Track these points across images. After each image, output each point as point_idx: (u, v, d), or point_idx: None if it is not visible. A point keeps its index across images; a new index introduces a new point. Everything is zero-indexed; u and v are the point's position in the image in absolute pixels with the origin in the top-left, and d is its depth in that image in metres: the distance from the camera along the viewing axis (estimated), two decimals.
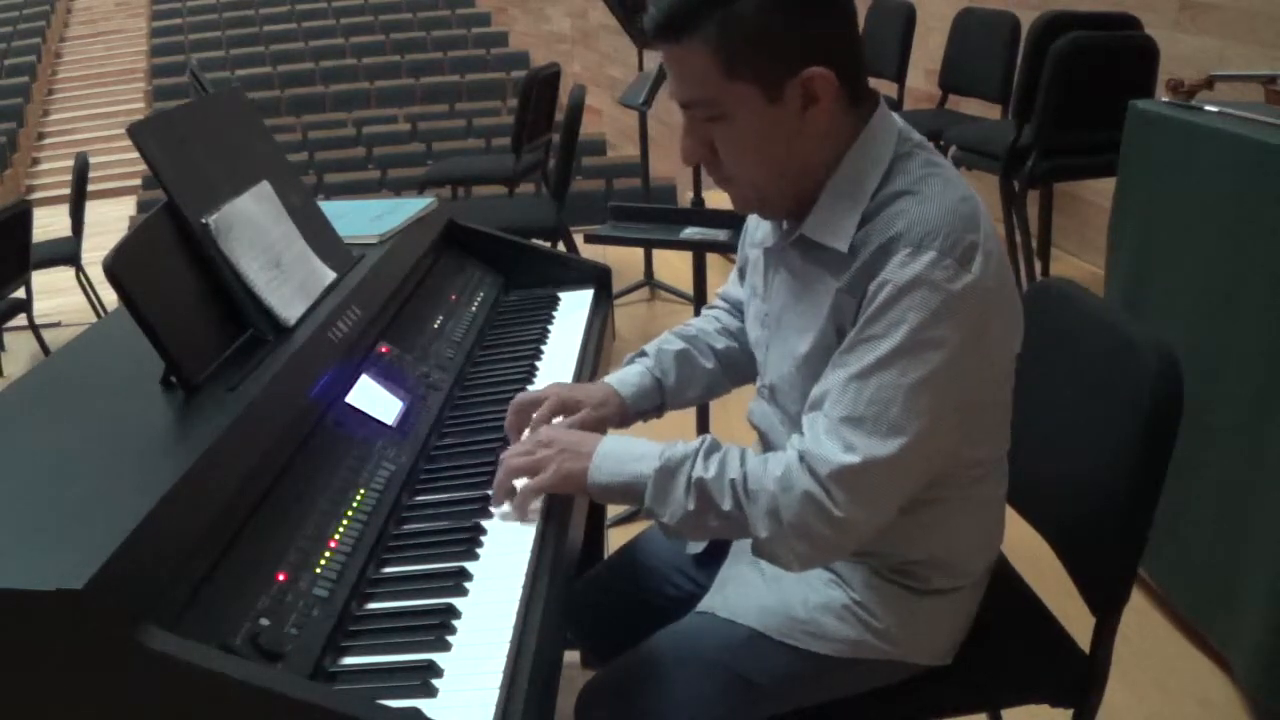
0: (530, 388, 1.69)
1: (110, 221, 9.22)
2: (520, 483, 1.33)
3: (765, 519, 1.22)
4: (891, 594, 1.35)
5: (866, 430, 1.18)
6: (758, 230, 1.45)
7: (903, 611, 1.34)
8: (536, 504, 1.34)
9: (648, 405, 1.56)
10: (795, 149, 1.24)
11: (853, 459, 1.17)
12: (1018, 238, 3.88)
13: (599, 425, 1.50)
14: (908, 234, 1.18)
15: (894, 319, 1.17)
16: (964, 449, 1.28)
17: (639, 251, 4.68)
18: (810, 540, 1.21)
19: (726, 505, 1.24)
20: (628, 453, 1.30)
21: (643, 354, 1.59)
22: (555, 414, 1.49)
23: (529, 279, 2.13)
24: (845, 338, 1.22)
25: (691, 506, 1.25)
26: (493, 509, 1.34)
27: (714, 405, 2.64)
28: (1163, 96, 2.42)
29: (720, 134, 1.24)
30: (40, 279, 5.37)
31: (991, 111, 4.56)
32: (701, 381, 1.58)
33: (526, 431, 1.47)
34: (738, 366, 1.58)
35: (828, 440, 1.19)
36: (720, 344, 1.59)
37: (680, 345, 1.58)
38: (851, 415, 1.18)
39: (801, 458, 1.21)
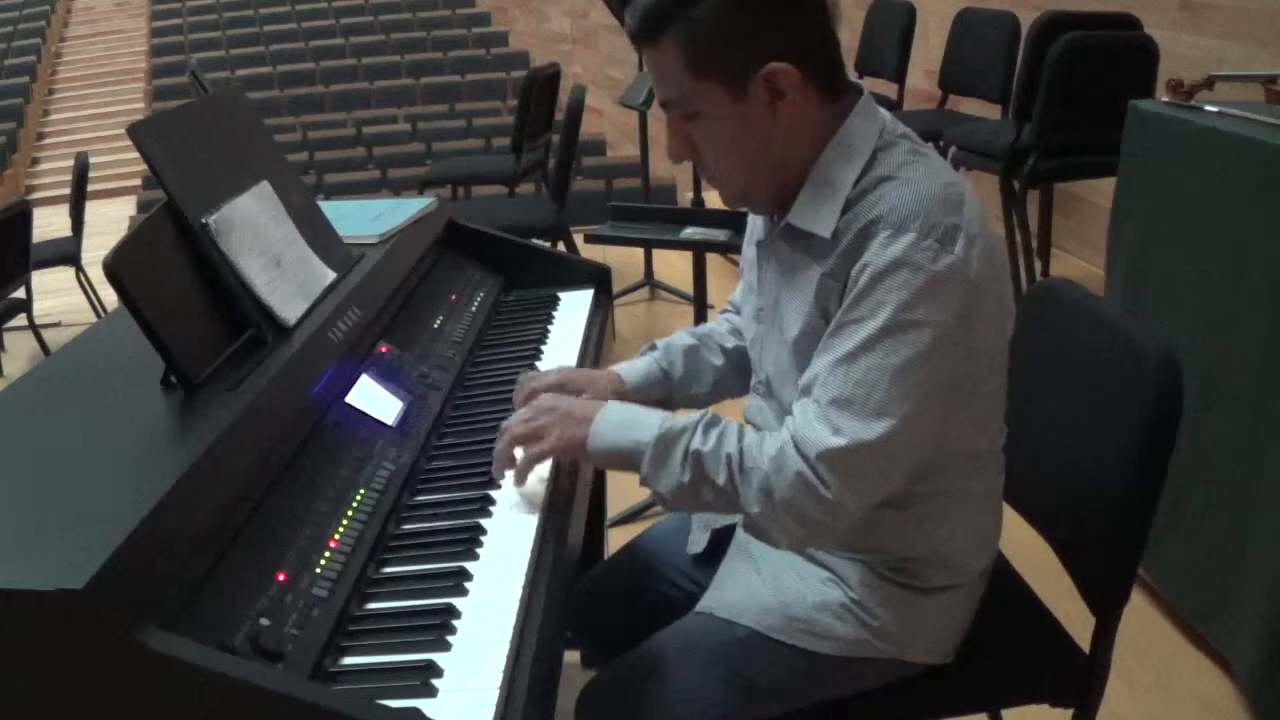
0: None
1: (110, 221, 9.22)
2: (521, 451, 1.34)
3: (758, 496, 1.23)
4: (890, 592, 1.35)
5: (854, 413, 1.19)
6: (754, 228, 1.46)
7: (901, 610, 1.35)
8: (542, 472, 1.34)
9: (652, 395, 1.57)
10: (770, 143, 1.26)
11: (840, 441, 1.18)
12: (1018, 238, 3.88)
13: None
14: (888, 217, 1.19)
15: (877, 301, 1.18)
16: (957, 441, 1.29)
17: (639, 251, 4.68)
18: (801, 520, 1.22)
19: (721, 479, 1.25)
20: (629, 420, 1.31)
21: (653, 347, 1.61)
22: (557, 390, 1.51)
23: (529, 279, 2.13)
24: (831, 322, 1.23)
25: (687, 478, 1.26)
26: (495, 477, 1.34)
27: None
28: (1163, 96, 2.42)
29: (698, 132, 1.28)
30: (40, 279, 5.37)
31: (991, 111, 4.56)
32: (709, 378, 1.59)
33: None
34: (747, 367, 1.59)
35: (817, 423, 1.20)
36: (730, 343, 1.60)
37: (690, 341, 1.60)
38: (839, 398, 1.19)
39: (794, 439, 1.22)
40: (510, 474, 1.36)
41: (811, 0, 1.25)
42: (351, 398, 1.47)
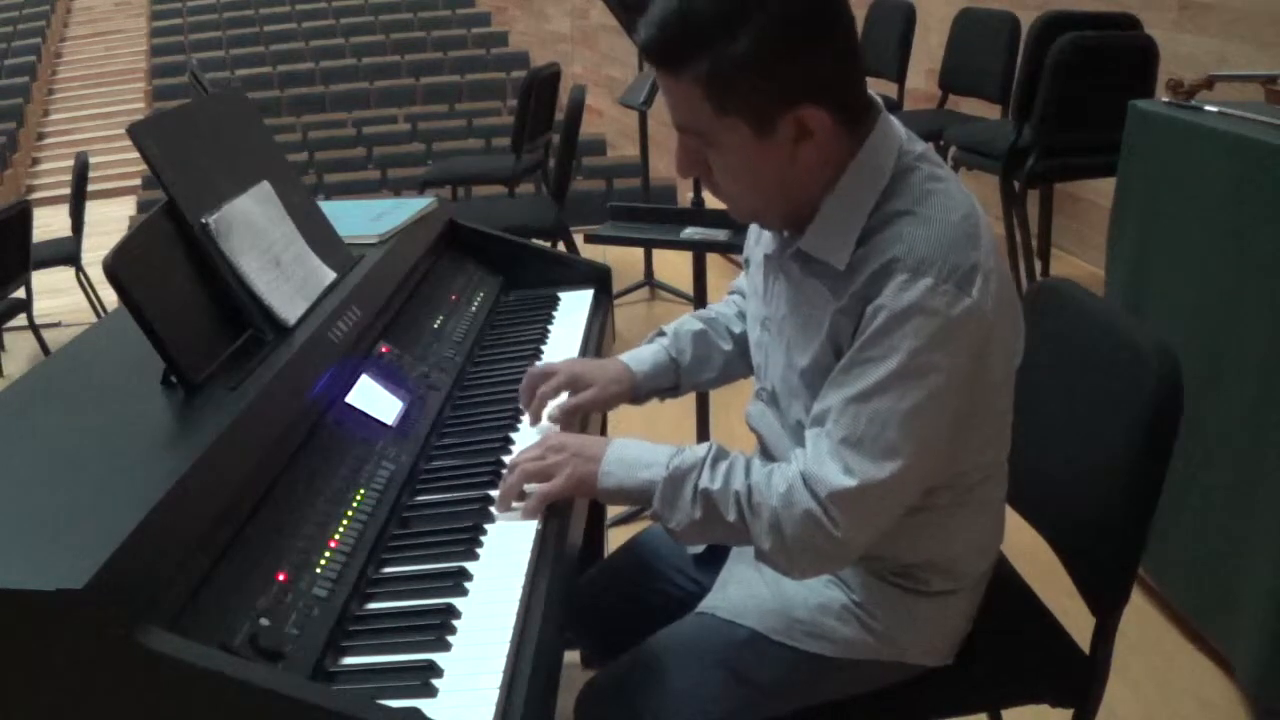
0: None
1: (110, 221, 9.23)
2: (530, 487, 1.34)
3: (768, 532, 1.23)
4: (891, 595, 1.35)
5: (864, 453, 1.18)
6: (762, 232, 1.45)
7: (902, 613, 1.35)
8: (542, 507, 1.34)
9: (662, 384, 1.57)
10: (789, 176, 1.23)
11: (851, 482, 1.18)
12: (1018, 238, 3.88)
13: (608, 404, 1.54)
14: (905, 258, 1.17)
15: (891, 345, 1.17)
16: (963, 456, 1.28)
17: (639, 251, 4.68)
18: (811, 554, 1.23)
19: (731, 516, 1.25)
20: (636, 459, 1.30)
21: (661, 333, 1.61)
22: (565, 389, 1.53)
23: (529, 279, 2.13)
24: (843, 356, 1.22)
25: (698, 515, 1.26)
26: (496, 512, 1.34)
27: (714, 406, 2.65)
28: (1163, 96, 2.42)
29: (713, 158, 1.24)
30: (40, 279, 5.37)
31: (991, 111, 4.56)
32: (718, 363, 1.59)
33: (537, 425, 1.51)
34: None
35: (830, 461, 1.20)
36: (738, 328, 1.59)
37: (698, 326, 1.59)
38: (850, 437, 1.19)
39: (804, 477, 1.22)
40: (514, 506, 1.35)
41: (843, 39, 1.20)
42: (351, 398, 1.46)
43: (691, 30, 1.16)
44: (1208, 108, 2.26)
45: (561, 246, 4.30)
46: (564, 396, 1.54)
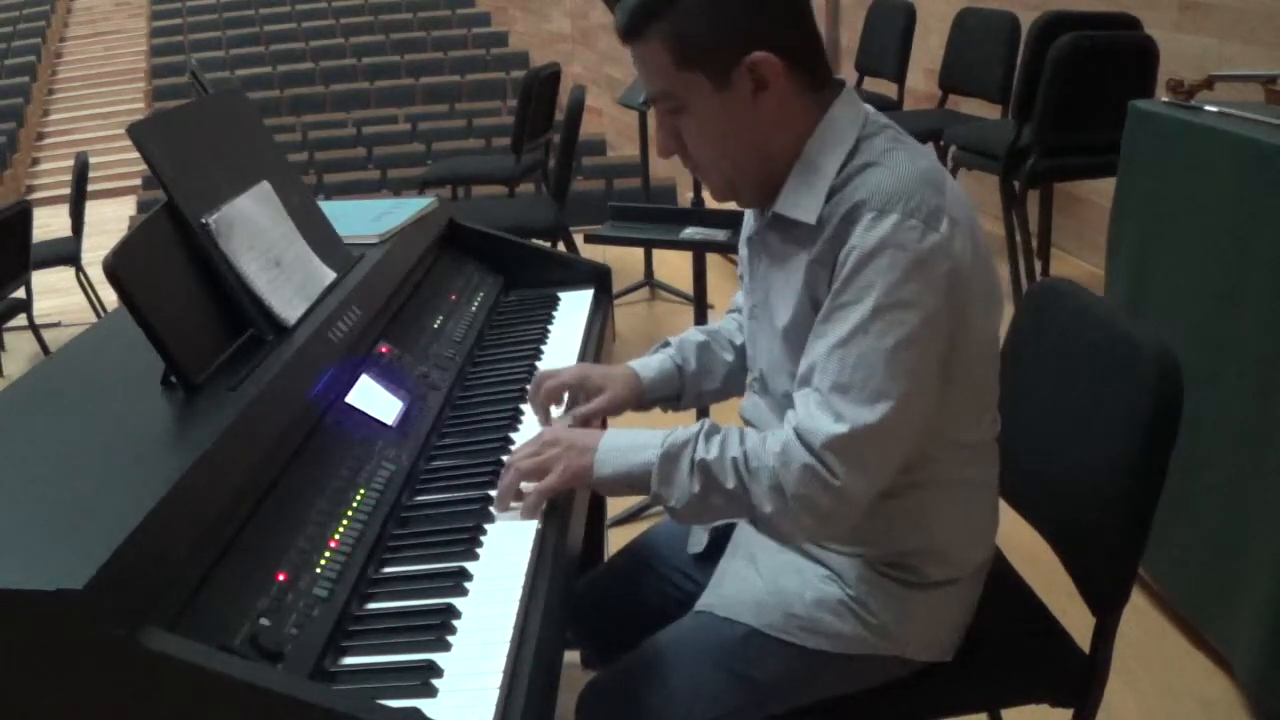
0: None
1: (110, 221, 9.22)
2: (528, 485, 1.34)
3: (769, 494, 1.24)
4: (887, 588, 1.35)
5: (853, 398, 1.20)
6: (746, 226, 1.47)
7: (899, 606, 1.35)
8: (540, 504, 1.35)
9: (667, 391, 1.59)
10: (754, 134, 1.28)
11: (843, 428, 1.20)
12: (1018, 238, 3.88)
13: (619, 408, 1.55)
14: (871, 200, 1.21)
15: (864, 284, 1.19)
16: (949, 429, 1.30)
17: (639, 251, 4.68)
18: (814, 512, 1.23)
19: (730, 484, 1.25)
20: (630, 443, 1.31)
21: (666, 344, 1.63)
22: (573, 386, 1.55)
23: (529, 279, 2.13)
24: (821, 308, 1.24)
25: (696, 488, 1.27)
26: (496, 511, 1.34)
27: (713, 408, 2.65)
28: (1163, 96, 2.42)
29: (684, 125, 1.30)
30: (40, 279, 5.37)
31: (991, 111, 4.56)
32: (720, 373, 1.61)
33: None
34: None
35: (819, 412, 1.22)
36: (739, 340, 1.61)
37: (702, 338, 1.62)
38: (838, 383, 1.21)
39: (797, 433, 1.22)
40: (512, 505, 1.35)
41: None
42: (351, 398, 1.47)
43: None
44: (1208, 108, 2.26)
45: (561, 246, 4.30)
46: (557, 408, 1.56)
